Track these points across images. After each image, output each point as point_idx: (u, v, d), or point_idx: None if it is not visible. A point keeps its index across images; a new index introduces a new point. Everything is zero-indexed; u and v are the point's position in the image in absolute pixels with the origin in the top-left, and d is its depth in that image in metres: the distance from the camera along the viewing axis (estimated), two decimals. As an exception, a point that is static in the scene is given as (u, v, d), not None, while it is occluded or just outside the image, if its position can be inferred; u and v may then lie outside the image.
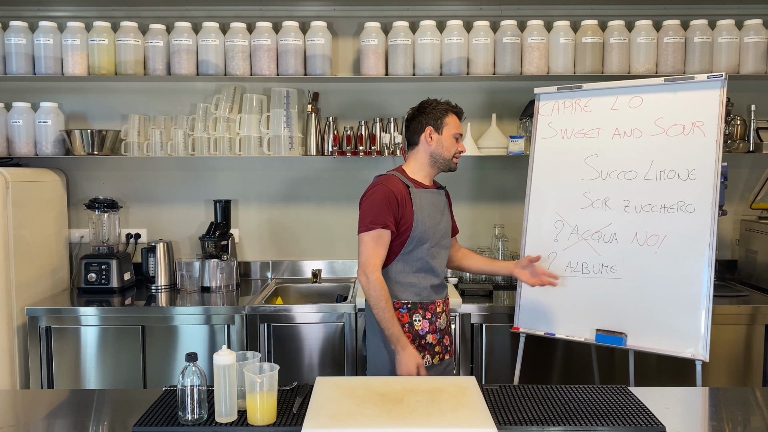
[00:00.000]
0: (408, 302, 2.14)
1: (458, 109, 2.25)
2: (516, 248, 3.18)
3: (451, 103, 2.24)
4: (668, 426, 1.53)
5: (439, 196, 2.23)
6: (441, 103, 2.21)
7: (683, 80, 2.38)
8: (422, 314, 2.15)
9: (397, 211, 2.09)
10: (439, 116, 2.18)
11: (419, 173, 2.21)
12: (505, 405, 1.65)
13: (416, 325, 2.14)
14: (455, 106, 2.24)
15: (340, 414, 1.52)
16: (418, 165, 2.21)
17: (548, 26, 3.05)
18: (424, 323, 2.15)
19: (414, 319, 2.14)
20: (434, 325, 2.17)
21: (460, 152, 2.23)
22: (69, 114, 3.25)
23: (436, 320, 2.17)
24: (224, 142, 3.05)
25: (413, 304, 2.14)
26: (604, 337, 2.39)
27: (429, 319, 2.16)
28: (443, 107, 2.20)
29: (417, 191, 2.15)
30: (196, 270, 3.02)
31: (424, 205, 2.15)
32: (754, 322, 2.70)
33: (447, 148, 2.18)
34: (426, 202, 2.16)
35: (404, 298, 2.14)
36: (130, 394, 1.99)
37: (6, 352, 2.69)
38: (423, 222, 2.12)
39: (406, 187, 2.14)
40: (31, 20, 3.10)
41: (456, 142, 2.21)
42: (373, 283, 2.06)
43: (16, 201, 2.76)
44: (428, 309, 2.16)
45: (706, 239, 2.25)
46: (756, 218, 3.10)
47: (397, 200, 2.08)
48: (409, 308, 2.14)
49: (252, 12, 3.18)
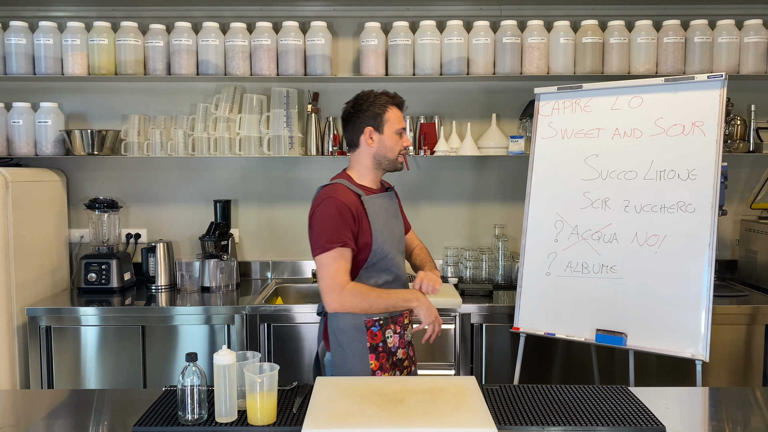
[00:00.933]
0: (380, 319, 1.94)
1: (398, 99, 2.02)
2: (516, 248, 3.18)
3: (390, 93, 2.02)
4: (668, 426, 1.53)
5: (389, 199, 2.06)
6: (379, 96, 1.99)
7: (683, 80, 2.38)
8: (393, 329, 1.97)
9: (354, 225, 1.89)
10: (378, 113, 1.97)
11: (366, 178, 2.02)
12: (505, 405, 1.65)
13: (389, 341, 1.96)
14: (394, 96, 2.02)
15: (340, 414, 1.52)
16: (363, 169, 2.02)
17: (548, 26, 3.05)
18: (395, 338, 1.98)
19: (387, 335, 1.96)
20: (402, 338, 2.00)
21: (406, 148, 2.03)
22: (69, 114, 3.25)
23: (404, 333, 2.01)
24: (224, 142, 3.05)
25: (385, 320, 1.95)
26: (604, 337, 2.39)
27: (399, 333, 1.99)
28: (382, 101, 1.98)
29: (369, 199, 1.97)
30: (196, 270, 3.02)
31: (379, 213, 1.97)
32: (754, 322, 2.70)
33: (390, 147, 1.98)
34: (380, 209, 1.98)
35: (375, 315, 1.94)
36: (130, 394, 1.99)
37: (6, 352, 2.69)
38: (381, 232, 1.95)
39: (357, 197, 1.94)
40: (31, 20, 3.10)
41: (400, 138, 2.01)
42: (347, 295, 1.87)
43: (16, 201, 2.76)
44: (397, 322, 1.98)
45: (706, 239, 2.25)
46: (756, 218, 3.10)
47: (351, 213, 1.89)
48: (382, 325, 1.94)
49: (252, 12, 3.18)
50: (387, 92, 2.02)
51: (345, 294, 1.86)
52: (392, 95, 2.02)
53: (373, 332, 1.93)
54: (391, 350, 1.96)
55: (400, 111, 2.02)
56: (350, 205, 1.90)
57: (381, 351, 1.94)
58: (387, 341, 1.95)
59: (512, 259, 3.11)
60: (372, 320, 1.93)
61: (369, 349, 1.93)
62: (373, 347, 1.93)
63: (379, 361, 1.94)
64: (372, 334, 1.93)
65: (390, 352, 1.96)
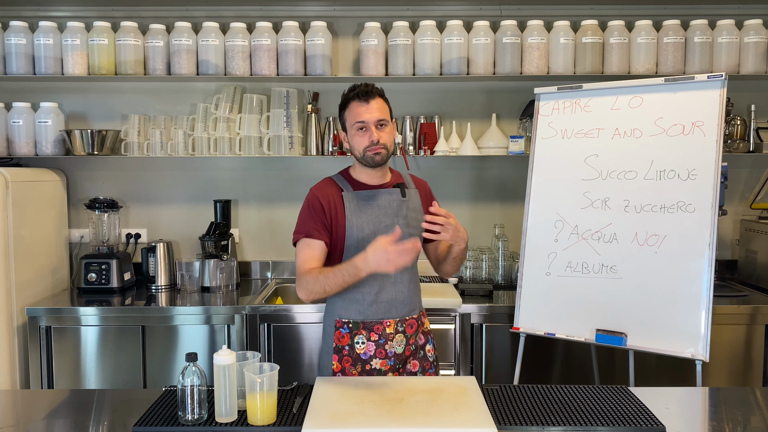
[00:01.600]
0: (349, 321, 1.88)
1: (357, 89, 1.88)
2: (516, 248, 3.18)
3: (354, 86, 1.90)
4: (668, 426, 1.53)
5: (390, 195, 1.94)
6: (346, 92, 1.91)
7: (683, 80, 2.37)
8: (366, 335, 1.87)
9: (324, 217, 1.86)
10: (341, 111, 1.93)
11: (360, 173, 1.95)
12: (505, 405, 1.65)
13: (357, 348, 1.87)
14: (353, 88, 1.89)
15: (340, 414, 1.52)
16: (356, 164, 1.96)
17: (548, 26, 3.05)
18: (369, 346, 1.87)
19: (355, 341, 1.88)
20: (382, 348, 1.88)
21: (372, 143, 1.85)
22: (69, 114, 3.25)
23: (385, 343, 1.88)
24: (224, 142, 3.05)
25: (354, 324, 1.87)
26: (604, 337, 2.39)
27: (375, 341, 1.88)
28: (343, 98, 1.91)
29: (351, 194, 1.90)
30: (196, 270, 3.02)
31: (362, 207, 1.89)
32: (754, 322, 2.70)
33: (355, 144, 1.89)
34: (365, 204, 1.90)
35: (345, 317, 1.89)
36: (130, 394, 1.99)
37: (6, 352, 2.69)
38: (360, 228, 1.87)
39: (339, 190, 1.91)
40: (31, 20, 3.10)
41: (361, 132, 1.87)
42: (304, 281, 1.80)
43: (16, 201, 2.76)
44: (373, 330, 1.88)
45: (706, 239, 2.25)
46: (756, 218, 3.10)
47: (321, 206, 1.86)
48: (350, 328, 1.88)
49: (252, 12, 3.18)
50: (353, 86, 1.90)
51: (302, 280, 1.81)
52: (352, 87, 1.89)
53: (341, 333, 1.89)
54: (360, 357, 1.88)
55: (363, 102, 1.86)
56: (322, 198, 1.88)
57: (346, 354, 1.88)
58: (355, 346, 1.88)
59: (512, 259, 3.11)
60: (341, 321, 1.90)
61: (333, 350, 1.91)
62: (337, 348, 1.90)
63: (342, 364, 1.89)
64: (339, 335, 1.90)
65: (359, 359, 1.88)
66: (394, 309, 1.91)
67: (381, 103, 1.89)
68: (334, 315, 1.92)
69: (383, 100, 1.91)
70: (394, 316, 1.90)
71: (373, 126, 1.86)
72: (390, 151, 1.92)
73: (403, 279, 1.92)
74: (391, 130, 1.93)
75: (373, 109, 1.86)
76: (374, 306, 1.88)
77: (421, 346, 1.98)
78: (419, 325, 1.98)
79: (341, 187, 1.92)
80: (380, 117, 1.87)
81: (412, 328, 1.94)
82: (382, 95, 1.92)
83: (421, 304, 2.03)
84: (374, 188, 1.94)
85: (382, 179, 1.96)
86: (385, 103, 1.92)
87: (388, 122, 1.91)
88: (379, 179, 1.95)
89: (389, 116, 1.93)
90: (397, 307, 1.91)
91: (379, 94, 1.90)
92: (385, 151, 1.88)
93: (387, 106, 1.93)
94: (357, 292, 1.88)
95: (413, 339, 1.95)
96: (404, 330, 1.92)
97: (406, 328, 1.92)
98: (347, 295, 1.89)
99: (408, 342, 1.92)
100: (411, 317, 1.94)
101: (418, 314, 1.98)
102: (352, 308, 1.89)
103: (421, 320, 2.00)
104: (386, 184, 1.96)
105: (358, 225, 1.87)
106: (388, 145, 1.90)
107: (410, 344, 1.93)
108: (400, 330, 1.91)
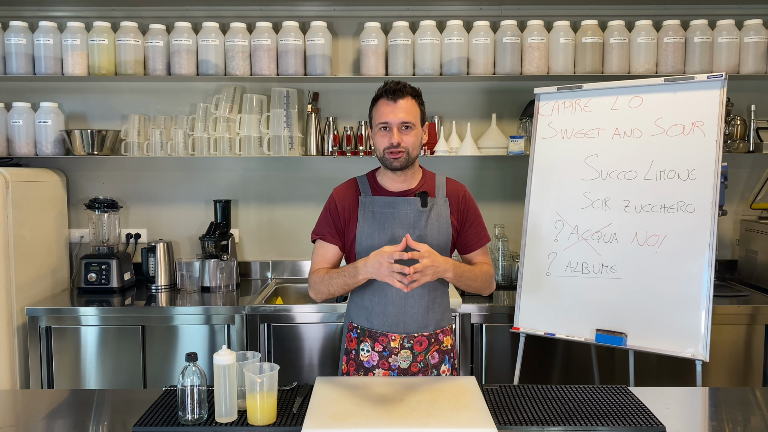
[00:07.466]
0: (358, 327, 1.87)
1: (387, 87, 1.79)
2: (516, 248, 3.18)
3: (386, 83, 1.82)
4: (668, 426, 1.53)
5: (408, 205, 1.83)
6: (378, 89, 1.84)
7: (683, 80, 2.38)
8: (370, 344, 1.84)
9: (338, 220, 1.85)
10: (371, 108, 1.84)
11: (384, 176, 1.89)
12: (505, 405, 1.65)
13: (362, 355, 1.85)
14: (385, 85, 1.81)
15: (340, 414, 1.52)
16: (381, 167, 1.90)
17: (548, 26, 3.05)
18: (373, 356, 1.84)
19: (361, 347, 1.86)
20: (386, 360, 1.84)
21: (392, 145, 1.77)
22: (69, 114, 3.25)
23: (389, 356, 1.83)
24: (224, 142, 3.05)
25: (362, 330, 1.86)
26: (604, 337, 2.39)
27: (379, 352, 1.84)
28: (375, 95, 1.83)
29: (369, 199, 1.84)
30: (196, 270, 3.02)
31: (377, 215, 1.82)
32: (754, 322, 2.70)
33: (377, 143, 1.82)
34: (380, 212, 1.82)
35: (356, 321, 1.88)
36: (130, 394, 1.99)
37: (6, 352, 2.69)
38: (370, 236, 1.81)
39: (357, 194, 1.86)
40: (31, 20, 3.10)
41: (383, 132, 1.79)
42: (312, 282, 1.83)
43: (16, 201, 2.76)
44: (378, 340, 1.84)
45: (706, 239, 2.25)
46: (756, 218, 3.10)
47: (337, 210, 1.85)
48: (359, 333, 1.87)
49: (252, 12, 3.18)
50: (385, 82, 1.82)
51: (311, 280, 1.87)
52: (384, 84, 1.82)
53: (351, 336, 1.90)
54: (363, 364, 1.86)
55: (391, 101, 1.78)
56: (338, 201, 1.88)
57: (352, 358, 1.89)
58: (360, 353, 1.86)
59: (512, 259, 3.11)
60: (352, 324, 1.91)
61: (345, 351, 1.94)
62: (347, 350, 1.93)
63: (348, 366, 1.91)
64: (349, 338, 1.91)
65: (362, 366, 1.86)
66: (402, 324, 1.84)
67: (411, 104, 1.80)
68: (350, 317, 1.94)
69: (415, 101, 1.81)
70: (400, 331, 1.84)
71: (395, 128, 1.78)
72: (412, 156, 1.81)
73: (415, 294, 1.84)
74: (418, 133, 1.82)
75: (400, 110, 1.78)
76: (381, 317, 1.85)
77: (434, 365, 1.88)
78: (432, 344, 1.87)
79: (360, 191, 1.88)
80: (405, 119, 1.78)
81: (421, 346, 1.86)
82: (415, 95, 1.82)
83: (442, 322, 1.91)
84: (394, 194, 1.86)
85: (405, 184, 1.87)
86: (416, 105, 1.82)
87: (415, 125, 1.80)
88: (401, 184, 1.87)
89: (418, 119, 1.83)
90: (406, 322, 1.84)
91: (411, 93, 1.81)
92: (406, 156, 1.79)
93: (418, 108, 1.82)
94: (367, 300, 1.86)
95: (422, 356, 1.86)
96: (411, 347, 1.85)
97: (414, 345, 1.85)
98: (359, 301, 1.89)
99: (415, 359, 1.85)
100: (421, 334, 1.86)
101: (432, 332, 1.87)
102: (362, 315, 1.89)
103: (437, 338, 1.89)
104: (410, 190, 1.87)
105: (368, 233, 1.82)
106: (410, 150, 1.80)
107: (418, 361, 1.86)
108: (407, 346, 1.84)
